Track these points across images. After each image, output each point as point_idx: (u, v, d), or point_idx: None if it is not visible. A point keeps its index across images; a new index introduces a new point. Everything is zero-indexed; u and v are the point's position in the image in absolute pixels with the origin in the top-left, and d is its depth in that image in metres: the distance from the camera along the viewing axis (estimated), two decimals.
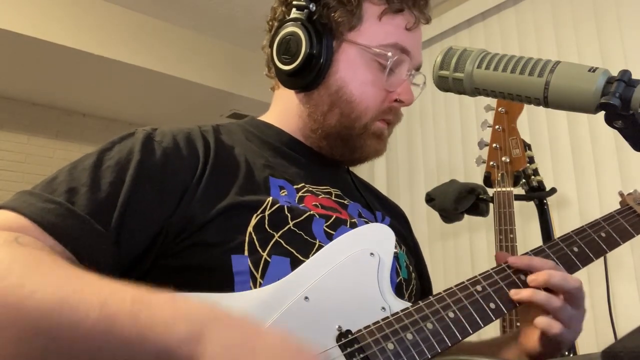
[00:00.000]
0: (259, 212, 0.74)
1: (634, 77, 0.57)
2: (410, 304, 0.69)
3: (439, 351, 0.65)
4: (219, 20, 3.43)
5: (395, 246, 0.77)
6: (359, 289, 0.69)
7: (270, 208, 0.75)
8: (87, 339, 0.47)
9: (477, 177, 1.94)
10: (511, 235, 1.46)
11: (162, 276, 0.70)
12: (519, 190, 1.65)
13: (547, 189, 1.70)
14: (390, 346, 0.63)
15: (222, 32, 3.58)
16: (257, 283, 0.68)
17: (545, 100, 0.61)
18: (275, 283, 0.66)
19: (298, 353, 0.52)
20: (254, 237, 0.72)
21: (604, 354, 0.39)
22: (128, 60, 3.26)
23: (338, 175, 0.95)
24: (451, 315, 0.68)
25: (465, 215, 1.80)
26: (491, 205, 1.62)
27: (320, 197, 0.84)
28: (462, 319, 0.68)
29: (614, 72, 0.59)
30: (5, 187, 3.64)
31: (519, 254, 1.43)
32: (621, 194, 0.99)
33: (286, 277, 0.67)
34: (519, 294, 0.73)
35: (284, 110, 0.92)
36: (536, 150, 1.82)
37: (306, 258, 0.71)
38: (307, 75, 0.85)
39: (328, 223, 0.78)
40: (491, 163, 1.58)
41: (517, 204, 1.54)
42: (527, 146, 1.61)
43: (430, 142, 2.98)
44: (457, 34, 2.94)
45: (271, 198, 0.76)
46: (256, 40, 1.00)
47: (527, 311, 0.77)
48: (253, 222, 0.73)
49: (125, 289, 0.51)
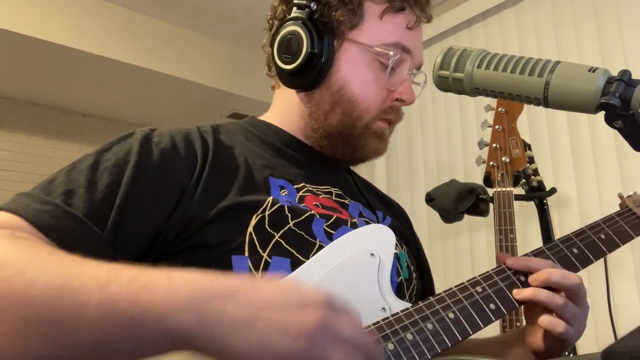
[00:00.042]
0: (259, 212, 0.74)
1: (634, 77, 0.58)
2: (410, 305, 0.69)
3: (439, 351, 0.65)
4: (219, 20, 3.43)
5: (396, 246, 0.77)
6: (359, 290, 0.69)
7: (270, 208, 0.75)
8: (90, 324, 0.47)
9: (477, 177, 1.94)
10: (511, 235, 1.46)
11: None
12: (519, 190, 1.66)
13: (547, 189, 1.70)
14: (391, 346, 0.63)
15: (222, 32, 3.58)
16: None
17: (545, 100, 0.61)
18: None
19: (301, 308, 0.50)
20: (254, 238, 0.72)
21: (604, 354, 0.39)
22: (128, 60, 3.26)
23: (339, 174, 0.95)
24: (451, 315, 0.68)
25: (465, 215, 1.80)
26: (491, 205, 1.62)
27: (320, 197, 0.83)
28: (462, 320, 0.68)
29: (614, 72, 0.59)
30: (5, 187, 3.64)
31: (519, 254, 1.44)
32: (621, 196, 0.99)
33: (286, 278, 0.67)
34: (521, 293, 0.73)
35: (284, 109, 0.92)
36: (536, 150, 1.83)
37: (306, 258, 0.71)
38: (309, 74, 0.85)
39: (328, 223, 0.78)
40: (491, 163, 1.58)
41: (517, 204, 1.54)
42: (527, 146, 1.61)
43: (430, 142, 2.98)
44: (457, 34, 2.94)
45: (271, 198, 0.76)
46: (256, 40, 1.00)
47: (530, 311, 0.77)
48: (253, 222, 0.73)
49: (122, 272, 0.51)
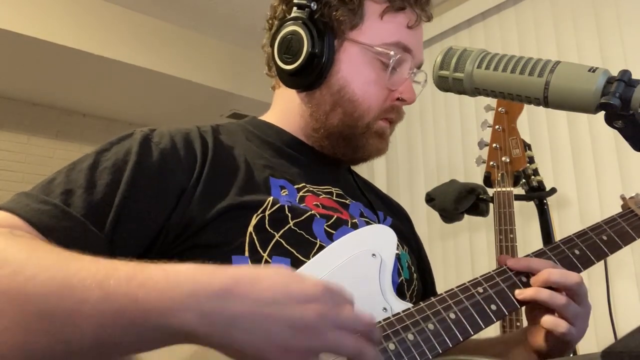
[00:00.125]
0: (259, 212, 0.74)
1: (634, 77, 0.58)
2: (411, 305, 0.69)
3: (440, 352, 0.65)
4: (219, 20, 3.43)
5: (397, 247, 0.77)
6: (361, 290, 0.68)
7: (270, 208, 0.75)
8: (89, 319, 0.48)
9: (477, 177, 1.94)
10: (511, 235, 1.46)
11: None
12: (519, 190, 1.66)
13: (547, 189, 1.70)
14: (392, 346, 0.63)
15: (222, 32, 3.58)
16: None
17: (545, 100, 0.61)
18: None
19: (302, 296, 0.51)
20: (255, 238, 0.72)
21: (604, 354, 0.39)
22: (128, 60, 3.26)
23: (339, 174, 0.95)
24: (452, 316, 0.68)
25: (465, 215, 1.80)
26: (491, 205, 1.62)
27: (321, 197, 0.83)
28: (463, 320, 0.69)
29: (614, 72, 0.59)
30: (5, 187, 3.63)
31: (519, 254, 1.44)
32: (623, 198, 0.99)
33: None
34: (523, 293, 0.73)
35: (285, 109, 0.92)
36: (536, 150, 1.83)
37: (307, 258, 0.71)
38: (309, 74, 0.85)
39: (329, 223, 0.78)
40: (491, 163, 1.58)
41: (517, 204, 1.54)
42: (527, 146, 1.61)
43: (430, 142, 2.97)
44: (457, 34, 2.94)
45: (272, 198, 0.76)
46: (256, 40, 1.00)
47: (532, 311, 0.77)
48: (253, 222, 0.73)
49: (121, 267, 0.51)
